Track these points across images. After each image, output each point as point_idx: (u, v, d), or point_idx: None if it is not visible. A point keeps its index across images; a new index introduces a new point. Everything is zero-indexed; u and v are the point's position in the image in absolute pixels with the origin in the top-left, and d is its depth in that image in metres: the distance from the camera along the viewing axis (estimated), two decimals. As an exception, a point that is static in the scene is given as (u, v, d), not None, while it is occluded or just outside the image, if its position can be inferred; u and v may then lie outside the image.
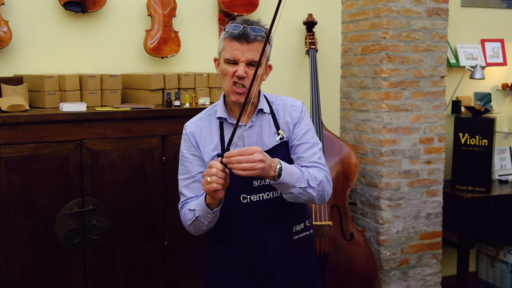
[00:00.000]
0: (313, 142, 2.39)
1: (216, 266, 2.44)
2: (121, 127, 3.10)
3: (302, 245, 2.45)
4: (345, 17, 4.29)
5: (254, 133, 2.36)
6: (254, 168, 2.05)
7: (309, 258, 2.50)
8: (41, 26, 3.50)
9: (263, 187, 2.32)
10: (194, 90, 3.50)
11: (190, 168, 2.37)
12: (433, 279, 4.17)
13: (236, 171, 2.05)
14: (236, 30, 2.22)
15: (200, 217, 2.24)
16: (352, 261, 3.78)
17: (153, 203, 3.18)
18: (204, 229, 2.31)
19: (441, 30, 4.02)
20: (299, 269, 2.44)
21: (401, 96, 3.96)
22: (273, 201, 2.33)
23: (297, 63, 4.21)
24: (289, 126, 2.39)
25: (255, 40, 2.22)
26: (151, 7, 3.64)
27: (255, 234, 2.33)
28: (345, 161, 3.88)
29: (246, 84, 2.23)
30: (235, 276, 2.39)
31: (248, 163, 2.04)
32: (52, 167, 2.96)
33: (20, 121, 2.89)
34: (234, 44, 2.23)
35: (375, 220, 4.03)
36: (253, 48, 2.22)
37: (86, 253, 3.07)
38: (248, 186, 2.30)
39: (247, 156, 2.04)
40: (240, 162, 2.04)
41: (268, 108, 2.40)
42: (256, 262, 2.36)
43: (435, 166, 4.10)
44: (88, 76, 3.27)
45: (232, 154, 2.05)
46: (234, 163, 2.04)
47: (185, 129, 2.40)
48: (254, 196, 2.32)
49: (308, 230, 2.48)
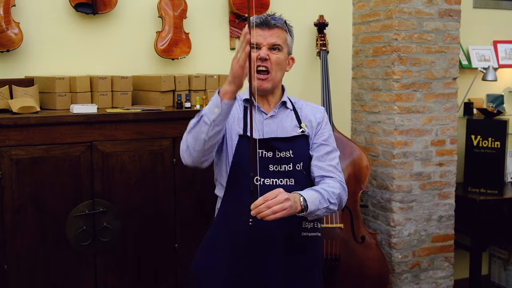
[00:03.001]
0: (334, 147, 2.51)
1: (215, 247, 2.44)
2: (132, 128, 3.10)
3: (309, 244, 2.45)
4: (356, 18, 4.27)
5: (274, 123, 2.44)
6: (283, 208, 2.11)
7: (312, 260, 2.49)
8: (52, 28, 3.50)
9: (278, 173, 2.37)
10: (204, 92, 3.49)
11: None
12: (445, 282, 4.13)
13: (269, 217, 2.09)
14: (258, 20, 2.39)
15: (205, 116, 2.19)
16: (364, 264, 3.76)
17: (164, 205, 3.17)
18: (202, 140, 2.21)
19: (453, 31, 3.99)
20: (300, 266, 2.43)
21: (413, 98, 3.93)
22: (287, 188, 2.30)
23: (308, 64, 4.19)
24: (312, 123, 2.50)
25: (275, 26, 2.39)
26: (161, 9, 3.64)
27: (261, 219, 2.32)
28: (356, 163, 3.85)
29: (269, 66, 2.37)
30: (233, 258, 2.39)
31: (277, 204, 2.09)
32: (62, 169, 2.96)
33: (31, 123, 2.89)
34: (257, 31, 2.37)
35: (387, 222, 4.00)
36: (274, 33, 2.39)
37: (97, 255, 3.06)
38: (264, 170, 2.34)
39: (273, 200, 2.10)
40: (269, 206, 2.09)
41: (291, 105, 2.51)
42: (258, 248, 2.35)
43: (447, 168, 4.07)
44: (98, 77, 3.27)
45: (258, 203, 2.10)
46: (264, 210, 2.09)
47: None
48: (268, 180, 2.35)
49: (317, 231, 2.48)
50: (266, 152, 2.37)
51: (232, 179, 2.38)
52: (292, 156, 2.39)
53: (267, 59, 2.36)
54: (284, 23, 2.43)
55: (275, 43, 2.38)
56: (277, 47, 2.39)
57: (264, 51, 2.36)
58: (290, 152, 2.39)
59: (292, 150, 2.39)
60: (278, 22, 2.39)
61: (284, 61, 2.44)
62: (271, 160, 2.37)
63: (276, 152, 2.38)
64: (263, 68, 2.36)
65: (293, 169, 2.38)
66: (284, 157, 2.38)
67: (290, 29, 2.47)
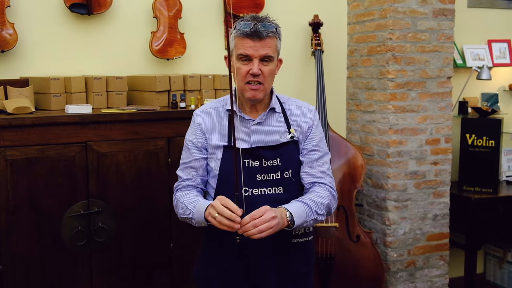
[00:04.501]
0: (325, 151, 2.46)
1: (210, 261, 2.45)
2: (127, 129, 3.10)
3: (300, 251, 2.45)
4: (351, 18, 4.28)
5: (262, 129, 2.39)
6: (270, 226, 2.13)
7: (305, 265, 2.49)
8: (47, 28, 3.50)
9: (266, 182, 2.34)
10: (199, 92, 3.50)
11: (189, 154, 2.43)
12: (440, 280, 4.15)
13: (255, 237, 2.11)
14: (247, 28, 2.25)
15: (194, 220, 2.30)
16: (359, 263, 3.77)
17: (159, 205, 3.18)
18: (191, 223, 2.37)
19: (447, 30, 4.01)
20: (292, 271, 2.43)
21: (408, 97, 3.94)
22: (275, 197, 2.33)
23: (303, 64, 4.20)
24: (301, 128, 2.43)
25: (267, 36, 2.26)
26: (156, 9, 3.65)
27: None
28: (351, 162, 3.87)
29: (262, 80, 2.28)
30: (228, 271, 2.39)
31: (264, 223, 2.11)
32: (57, 169, 2.96)
33: (26, 123, 2.89)
34: (246, 41, 2.26)
35: (382, 221, 4.02)
36: (266, 44, 2.26)
37: (92, 255, 3.07)
38: (251, 180, 2.32)
39: (260, 219, 2.11)
40: (256, 226, 2.11)
41: (280, 108, 2.44)
42: (250, 258, 2.35)
43: (442, 167, 4.08)
44: (93, 78, 3.27)
45: (245, 222, 2.12)
46: (250, 229, 2.11)
47: (193, 116, 2.46)
48: (256, 190, 2.33)
49: (308, 236, 2.48)
50: (253, 162, 2.33)
51: (220, 189, 2.36)
52: (280, 164, 2.35)
53: (259, 75, 2.27)
54: (275, 30, 2.30)
55: (267, 55, 2.27)
56: (269, 59, 2.28)
57: (256, 65, 2.25)
58: (278, 160, 2.35)
59: (279, 158, 2.35)
60: (270, 31, 2.26)
61: (275, 68, 2.35)
62: (258, 169, 2.33)
63: (263, 161, 2.33)
64: (255, 83, 2.28)
65: (281, 177, 2.35)
66: (272, 166, 2.34)
67: (280, 32, 2.34)
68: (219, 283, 2.41)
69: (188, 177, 2.43)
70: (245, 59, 2.27)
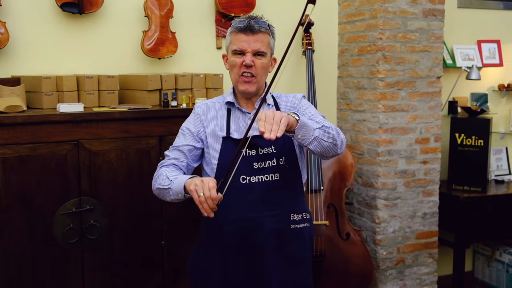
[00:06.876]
0: (315, 113, 2.45)
1: (209, 251, 2.48)
2: (118, 127, 3.12)
3: (299, 235, 2.50)
4: (342, 18, 4.31)
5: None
6: (278, 117, 2.06)
7: (304, 252, 2.53)
8: (38, 27, 3.51)
9: (263, 169, 2.41)
10: (191, 91, 3.52)
11: (183, 139, 2.50)
12: (429, 278, 4.18)
13: (270, 135, 2.02)
14: (241, 24, 2.39)
15: (172, 191, 2.33)
16: (349, 261, 3.80)
17: (151, 203, 3.19)
18: (166, 200, 2.41)
19: (437, 31, 4.04)
20: (292, 258, 2.47)
21: (397, 96, 3.98)
22: (272, 184, 2.39)
23: (294, 63, 4.22)
24: (292, 109, 2.52)
25: (259, 31, 2.39)
26: (148, 8, 3.66)
27: (249, 215, 2.39)
28: (341, 161, 3.90)
29: (254, 72, 2.40)
30: (227, 258, 2.43)
31: (270, 119, 2.05)
32: (49, 167, 2.97)
33: (18, 122, 2.90)
34: (240, 36, 2.39)
35: (372, 219, 4.05)
36: (258, 38, 2.39)
37: (84, 253, 3.08)
38: (249, 167, 2.39)
39: (266, 119, 2.06)
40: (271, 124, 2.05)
41: (272, 101, 2.55)
42: (250, 246, 2.40)
43: (431, 166, 4.12)
44: (85, 77, 3.28)
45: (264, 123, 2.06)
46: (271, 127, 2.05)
47: (194, 108, 2.57)
48: (253, 177, 2.40)
49: (306, 222, 2.53)
50: (249, 151, 2.41)
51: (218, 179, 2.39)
52: (275, 151, 2.43)
53: (252, 66, 2.39)
54: (268, 27, 2.44)
55: (259, 50, 2.40)
56: (262, 53, 2.41)
57: (249, 57, 2.38)
58: (272, 147, 2.43)
59: (274, 145, 2.43)
60: (262, 27, 2.40)
61: (268, 64, 2.47)
62: (255, 157, 2.41)
63: (258, 150, 2.42)
64: (248, 74, 2.40)
65: (277, 164, 2.43)
66: (267, 153, 2.42)
67: (273, 30, 2.49)
68: (219, 271, 2.44)
69: (175, 157, 2.48)
70: (239, 53, 2.39)
